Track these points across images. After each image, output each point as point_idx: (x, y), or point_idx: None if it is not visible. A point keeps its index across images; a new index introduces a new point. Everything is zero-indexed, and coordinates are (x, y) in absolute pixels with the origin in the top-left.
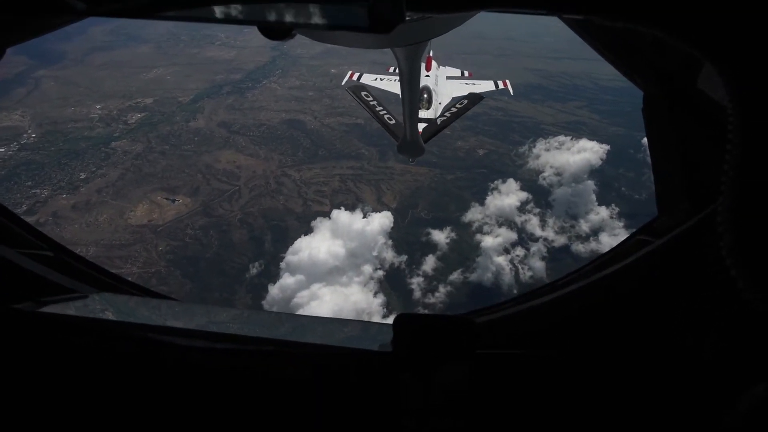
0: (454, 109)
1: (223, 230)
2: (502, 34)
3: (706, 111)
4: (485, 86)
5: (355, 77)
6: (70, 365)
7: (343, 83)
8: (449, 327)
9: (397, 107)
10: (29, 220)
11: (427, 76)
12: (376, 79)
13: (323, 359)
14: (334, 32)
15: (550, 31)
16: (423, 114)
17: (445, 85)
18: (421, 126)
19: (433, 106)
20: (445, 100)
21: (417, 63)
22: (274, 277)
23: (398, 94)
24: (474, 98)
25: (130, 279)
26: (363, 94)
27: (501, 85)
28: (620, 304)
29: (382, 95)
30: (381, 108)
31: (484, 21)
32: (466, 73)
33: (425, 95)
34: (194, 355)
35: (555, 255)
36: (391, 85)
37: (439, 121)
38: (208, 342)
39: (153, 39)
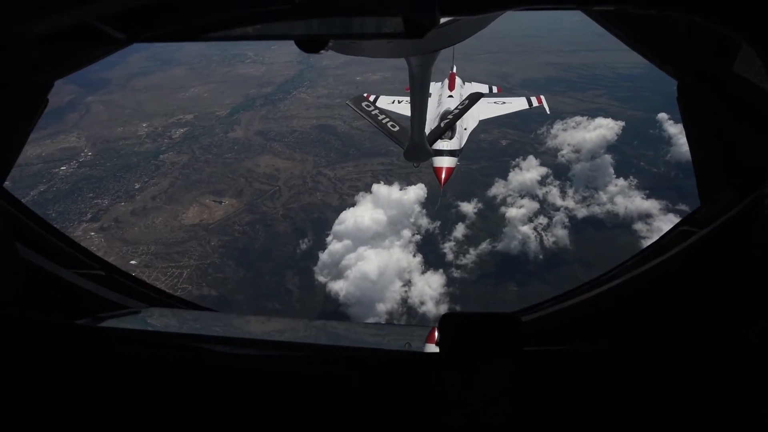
0: (456, 110)
1: (268, 224)
2: (520, 32)
3: (744, 95)
4: (517, 104)
5: (371, 99)
6: (127, 375)
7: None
8: (495, 325)
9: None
10: (94, 226)
11: (450, 96)
12: (393, 101)
13: (370, 362)
14: (356, 44)
15: (568, 25)
16: (445, 145)
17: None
18: (445, 160)
19: (457, 134)
20: (472, 125)
21: (429, 69)
22: (322, 251)
23: None
24: (474, 97)
25: (177, 294)
26: (364, 104)
27: (535, 102)
28: (667, 296)
29: (400, 119)
30: (383, 116)
31: (501, 21)
32: (495, 89)
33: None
34: (241, 362)
35: (576, 223)
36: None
37: (442, 124)
38: (255, 349)
39: (187, 61)
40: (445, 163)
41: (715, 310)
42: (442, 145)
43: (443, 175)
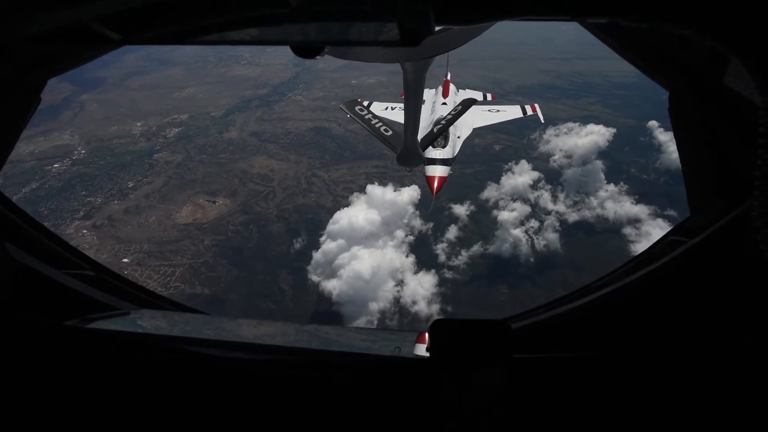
0: (449, 116)
1: (261, 224)
2: (515, 40)
3: (734, 107)
4: (512, 112)
5: (364, 104)
6: (115, 377)
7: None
8: (485, 332)
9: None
10: (87, 224)
11: (444, 103)
12: (386, 108)
13: (361, 367)
14: (352, 49)
15: (562, 34)
16: (438, 153)
17: (465, 114)
18: (437, 169)
19: (450, 143)
20: (466, 133)
21: (424, 74)
22: (316, 250)
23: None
24: (467, 103)
25: (162, 294)
26: (357, 108)
27: (529, 110)
28: (657, 305)
29: (393, 124)
30: (376, 120)
31: (496, 29)
32: (489, 96)
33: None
34: (232, 365)
35: (567, 227)
36: (402, 115)
37: (435, 129)
38: (245, 353)
39: (183, 62)
40: (437, 172)
41: (704, 319)
42: (434, 153)
43: (435, 185)
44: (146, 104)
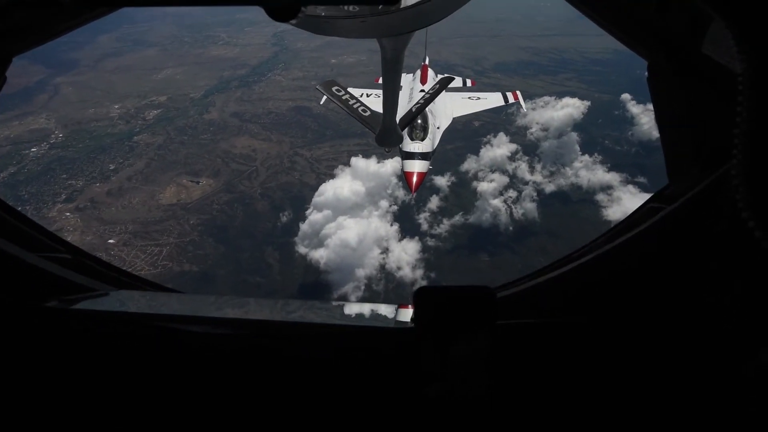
0: (426, 95)
1: (246, 203)
2: (493, 17)
3: (712, 76)
4: (493, 100)
5: (341, 85)
6: (95, 357)
7: (321, 102)
8: (469, 298)
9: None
10: (69, 207)
11: (422, 90)
12: (362, 94)
13: (347, 339)
14: (330, 24)
15: (541, 11)
16: (417, 147)
17: (444, 102)
18: (416, 164)
19: (429, 134)
20: (445, 123)
21: (402, 52)
22: (302, 222)
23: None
24: (445, 81)
25: (140, 275)
26: (334, 89)
27: (511, 98)
28: (637, 271)
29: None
30: (354, 101)
31: (475, 6)
32: (469, 82)
33: (419, 121)
34: (215, 342)
35: (544, 196)
36: (378, 102)
37: (413, 109)
38: (228, 329)
39: (158, 43)
40: (416, 167)
41: (684, 283)
42: (413, 147)
43: (414, 180)
44: (123, 86)
